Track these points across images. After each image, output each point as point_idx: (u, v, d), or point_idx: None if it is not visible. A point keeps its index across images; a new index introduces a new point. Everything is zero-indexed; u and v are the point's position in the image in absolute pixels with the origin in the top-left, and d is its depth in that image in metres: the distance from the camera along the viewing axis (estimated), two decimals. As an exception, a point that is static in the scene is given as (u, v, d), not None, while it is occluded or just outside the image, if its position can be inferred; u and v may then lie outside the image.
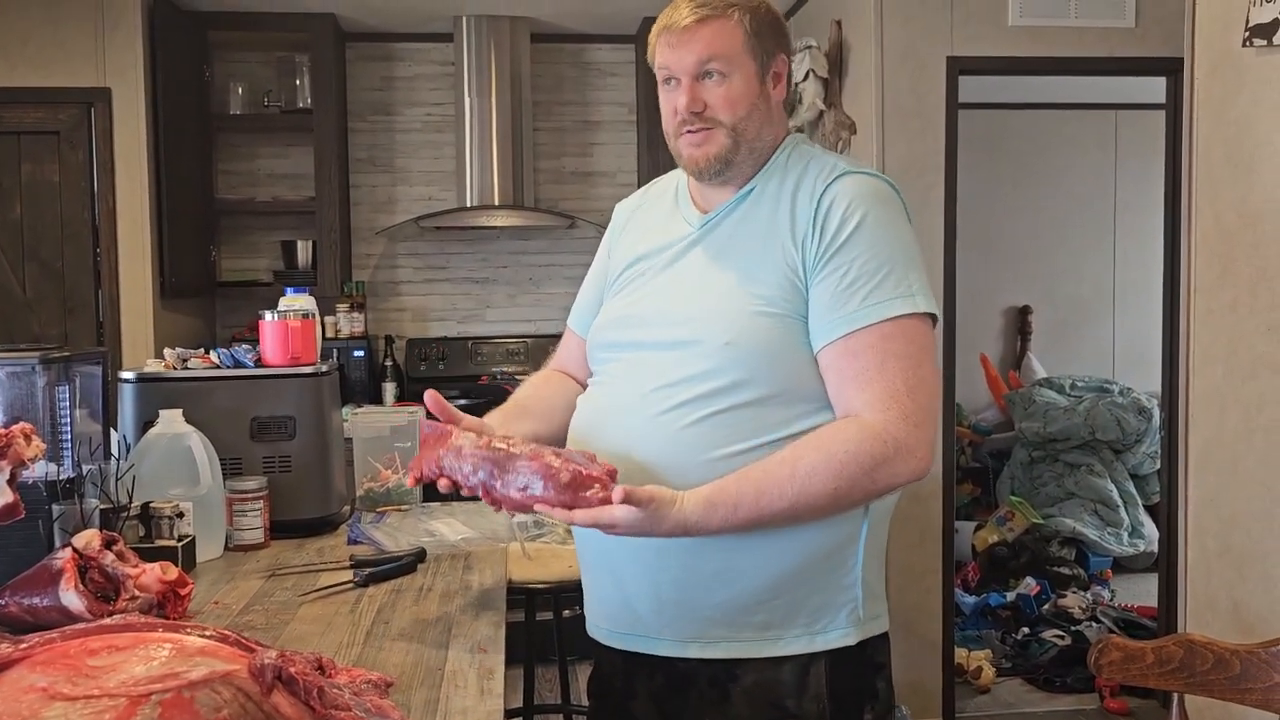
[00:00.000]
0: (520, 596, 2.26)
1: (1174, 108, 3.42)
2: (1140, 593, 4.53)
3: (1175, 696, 1.43)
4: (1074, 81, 4.88)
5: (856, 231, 1.32)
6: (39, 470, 1.58)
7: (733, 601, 1.33)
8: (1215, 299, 2.07)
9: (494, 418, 1.50)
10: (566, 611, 2.73)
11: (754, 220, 1.39)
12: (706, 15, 1.37)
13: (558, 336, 5.18)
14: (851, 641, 1.35)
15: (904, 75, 3.29)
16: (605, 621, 1.45)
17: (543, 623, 2.73)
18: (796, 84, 3.61)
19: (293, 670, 0.91)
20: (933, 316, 1.35)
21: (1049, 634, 3.95)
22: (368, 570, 1.66)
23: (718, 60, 1.37)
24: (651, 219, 1.53)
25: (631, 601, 1.39)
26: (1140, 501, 4.96)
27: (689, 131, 1.39)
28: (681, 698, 1.38)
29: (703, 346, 1.34)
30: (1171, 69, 3.34)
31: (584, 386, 1.56)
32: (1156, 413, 4.92)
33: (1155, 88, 3.62)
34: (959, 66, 3.30)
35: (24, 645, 0.90)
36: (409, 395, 4.31)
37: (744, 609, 1.33)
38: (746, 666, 1.35)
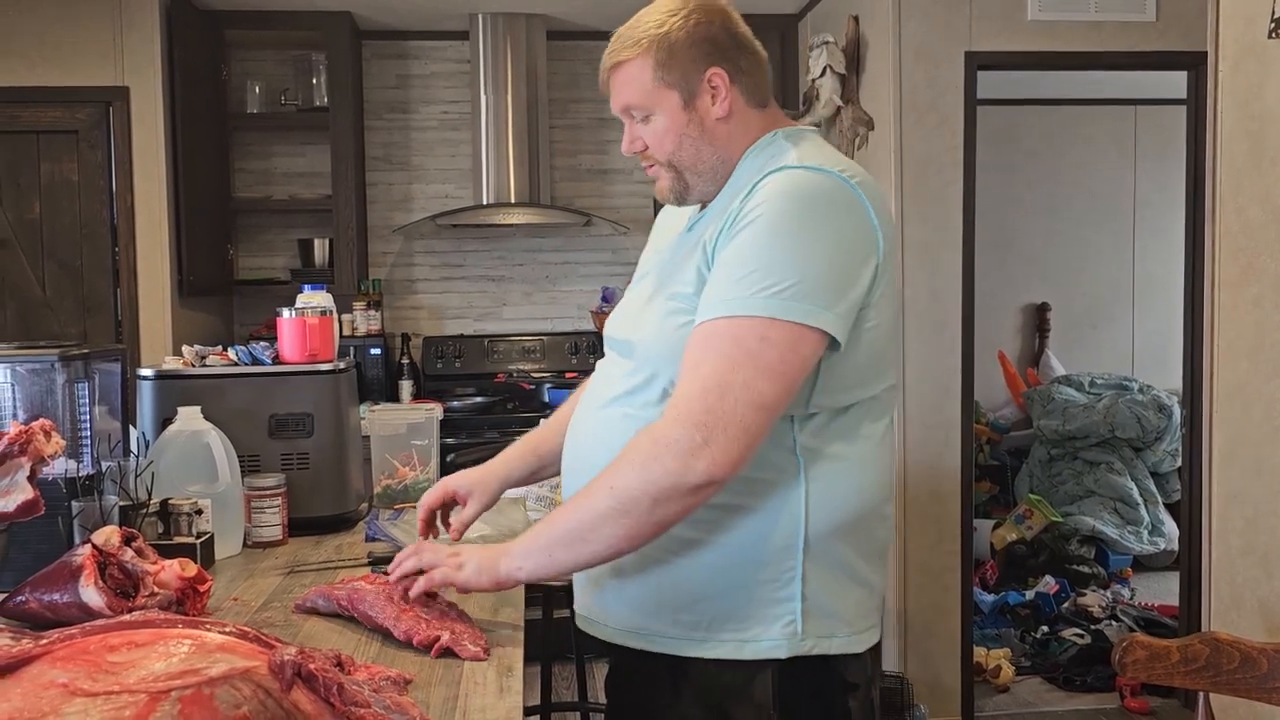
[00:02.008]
0: (537, 594, 2.26)
1: (1195, 102, 3.39)
2: (1161, 591, 4.50)
3: (1201, 696, 1.42)
4: (1092, 76, 4.85)
5: (747, 228, 1.26)
6: (59, 467, 1.59)
7: (662, 595, 1.35)
8: (1239, 295, 2.04)
9: (516, 450, 1.65)
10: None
11: (705, 227, 1.38)
12: (617, 61, 1.39)
13: (574, 334, 5.16)
14: (781, 655, 1.32)
15: (922, 71, 3.27)
16: (578, 607, 1.50)
17: (559, 620, 2.72)
18: (814, 80, 3.59)
19: (312, 667, 0.91)
20: (806, 327, 1.22)
21: (1068, 633, 3.92)
22: (384, 566, 1.66)
23: (634, 107, 1.39)
24: (669, 217, 1.57)
25: (586, 590, 1.45)
26: (1160, 499, 4.92)
27: (648, 166, 1.44)
28: (646, 688, 1.40)
29: (634, 349, 1.39)
30: (1193, 63, 3.32)
31: None
32: (1177, 410, 4.89)
33: (1175, 82, 3.59)
34: (977, 62, 3.28)
35: (45, 641, 0.90)
36: (425, 393, 4.32)
37: (676, 607, 1.34)
38: (693, 666, 1.34)
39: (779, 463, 1.31)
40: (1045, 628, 4.02)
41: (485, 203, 4.21)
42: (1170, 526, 4.78)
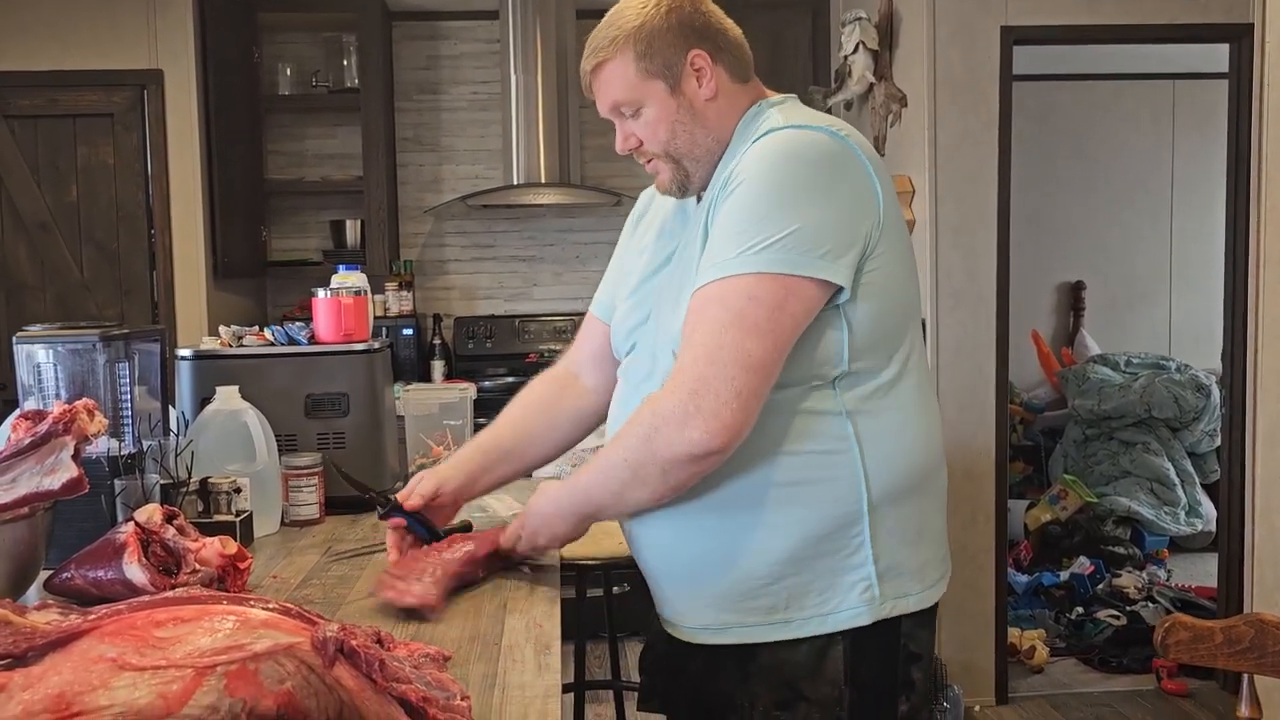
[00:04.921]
0: (571, 574, 2.26)
1: (1238, 76, 3.33)
2: (1198, 573, 4.45)
3: (1245, 677, 1.40)
4: (1129, 51, 4.77)
5: (735, 191, 1.26)
6: (101, 446, 1.61)
7: (736, 587, 1.33)
8: (1284, 271, 2.01)
9: (467, 455, 1.62)
10: (617, 589, 2.74)
11: (705, 207, 1.37)
12: (597, 62, 1.39)
13: (605, 314, 5.07)
14: (865, 621, 1.31)
15: (956, 46, 3.22)
16: (659, 610, 1.47)
17: (593, 599, 2.73)
18: (846, 56, 3.55)
19: (354, 643, 0.92)
20: (797, 278, 1.21)
21: (1104, 614, 3.89)
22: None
23: (622, 103, 1.40)
24: (650, 206, 1.62)
25: (654, 585, 1.45)
26: (1198, 480, 4.86)
27: (646, 161, 1.44)
28: (712, 675, 1.39)
29: (658, 340, 1.39)
30: (1236, 35, 3.25)
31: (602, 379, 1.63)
32: (1215, 390, 4.82)
33: (1215, 56, 3.53)
34: (1013, 36, 3.23)
35: (93, 617, 0.92)
36: (457, 373, 4.33)
37: (748, 594, 1.33)
38: (763, 649, 1.34)
39: (830, 430, 1.30)
40: (1080, 609, 3.99)
41: (515, 183, 4.21)
42: (1208, 507, 4.72)
